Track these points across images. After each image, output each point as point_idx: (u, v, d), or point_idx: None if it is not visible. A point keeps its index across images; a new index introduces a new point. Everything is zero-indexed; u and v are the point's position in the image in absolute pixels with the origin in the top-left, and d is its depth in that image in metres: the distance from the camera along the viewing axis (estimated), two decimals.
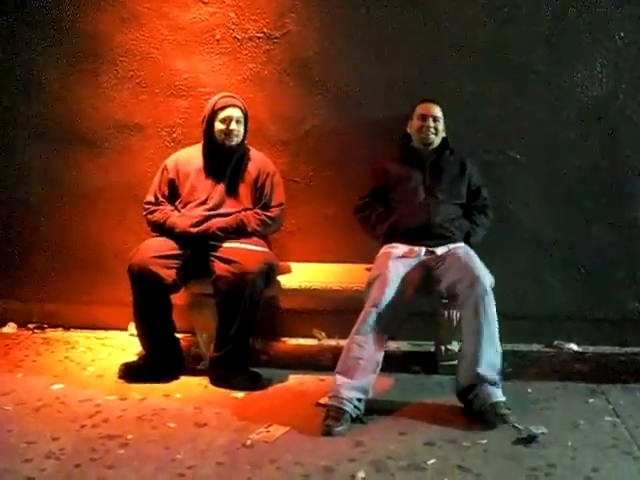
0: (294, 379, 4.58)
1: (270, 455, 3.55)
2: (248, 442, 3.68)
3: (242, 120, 4.68)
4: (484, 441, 3.71)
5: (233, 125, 4.64)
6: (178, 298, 4.65)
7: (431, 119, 4.64)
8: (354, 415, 3.89)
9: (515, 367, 4.68)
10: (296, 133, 5.17)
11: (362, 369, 3.97)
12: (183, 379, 4.57)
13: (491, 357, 4.00)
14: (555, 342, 5.14)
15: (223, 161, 4.71)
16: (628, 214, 5.09)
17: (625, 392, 4.39)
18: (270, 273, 4.54)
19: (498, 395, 3.94)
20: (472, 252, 4.39)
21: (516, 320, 4.92)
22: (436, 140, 4.68)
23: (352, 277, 4.69)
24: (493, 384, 3.96)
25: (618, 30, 4.90)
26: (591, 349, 5.10)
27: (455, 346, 4.57)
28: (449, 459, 3.52)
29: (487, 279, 4.13)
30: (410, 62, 5.03)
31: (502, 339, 4.09)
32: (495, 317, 4.05)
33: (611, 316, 5.12)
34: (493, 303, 4.06)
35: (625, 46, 4.91)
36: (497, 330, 4.04)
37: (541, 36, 4.96)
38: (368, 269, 4.48)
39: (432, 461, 3.49)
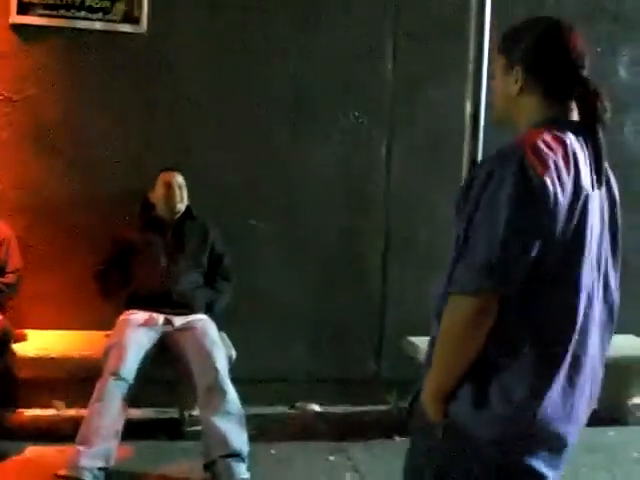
0: (33, 451, 4.36)
1: None
2: None
3: None
4: None
5: None
6: None
7: (175, 187, 4.67)
8: None
9: (259, 429, 4.68)
10: (35, 199, 4.98)
11: (102, 437, 3.87)
12: None
13: (239, 434, 4.04)
14: (298, 404, 5.24)
15: None
16: (368, 281, 5.37)
17: (365, 448, 4.55)
18: (4, 341, 4.35)
19: (242, 472, 3.95)
20: (211, 327, 4.46)
21: (261, 383, 4.97)
22: (181, 207, 4.71)
23: (91, 345, 4.56)
24: (239, 459, 3.97)
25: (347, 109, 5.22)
26: (333, 409, 5.23)
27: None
28: None
29: (221, 360, 4.22)
30: (153, 130, 5.05)
31: (247, 402, 4.16)
32: (234, 395, 4.13)
33: (352, 377, 5.29)
34: (229, 384, 4.15)
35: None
36: (238, 404, 4.12)
37: (279, 109, 5.19)
38: (107, 335, 4.40)
39: None
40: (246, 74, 5.12)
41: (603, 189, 1.97)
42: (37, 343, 4.63)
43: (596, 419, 5.13)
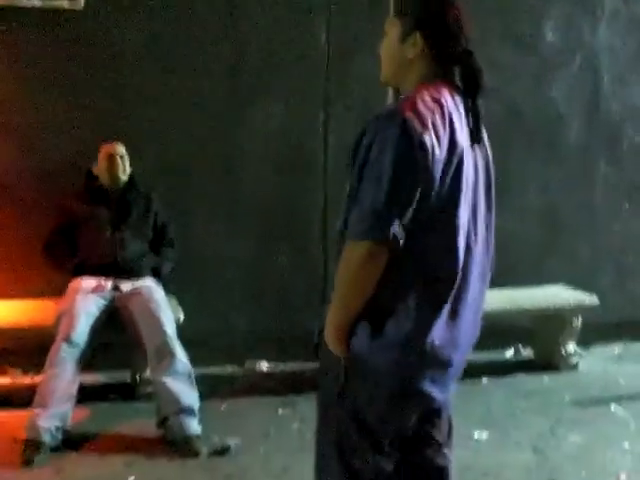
0: None
1: None
2: None
3: None
4: (182, 457, 3.91)
5: None
6: None
7: (117, 157, 4.75)
8: (53, 444, 3.92)
9: (210, 388, 4.81)
10: None
11: (57, 399, 3.99)
12: None
13: (189, 392, 4.19)
14: (247, 362, 5.43)
15: None
16: (309, 238, 5.55)
17: (311, 401, 4.69)
18: None
19: (193, 427, 4.11)
20: (158, 291, 4.59)
21: (210, 344, 5.13)
22: (124, 178, 4.81)
23: (44, 313, 4.62)
24: (191, 414, 4.13)
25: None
26: (280, 366, 5.44)
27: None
28: (148, 475, 3.68)
29: (169, 323, 4.36)
30: (95, 103, 5.10)
31: (197, 363, 4.31)
32: (183, 355, 4.26)
33: (296, 334, 5.45)
34: (178, 345, 4.28)
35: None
36: (187, 364, 4.25)
37: (220, 82, 5.33)
38: (58, 303, 4.50)
39: (131, 478, 3.62)
40: (183, 42, 5.22)
41: (479, 146, 2.20)
42: None
43: (531, 366, 5.47)
